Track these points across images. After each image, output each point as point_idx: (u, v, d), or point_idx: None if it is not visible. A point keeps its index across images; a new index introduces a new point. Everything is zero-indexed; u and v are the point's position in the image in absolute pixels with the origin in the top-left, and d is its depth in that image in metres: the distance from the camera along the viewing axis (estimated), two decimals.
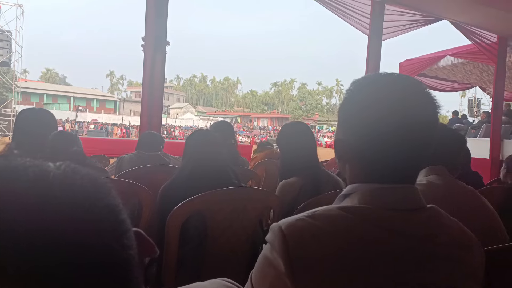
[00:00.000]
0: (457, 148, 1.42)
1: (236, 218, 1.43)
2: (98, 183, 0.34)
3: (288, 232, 0.62)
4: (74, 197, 0.31)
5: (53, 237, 0.28)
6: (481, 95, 18.23)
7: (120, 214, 0.34)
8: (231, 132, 2.67)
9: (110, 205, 0.34)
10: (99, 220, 0.31)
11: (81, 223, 0.30)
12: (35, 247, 0.27)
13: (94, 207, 0.31)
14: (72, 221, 0.29)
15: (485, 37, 6.07)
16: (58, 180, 0.31)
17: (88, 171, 0.34)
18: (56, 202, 0.29)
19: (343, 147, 0.71)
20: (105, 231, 0.31)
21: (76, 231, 0.29)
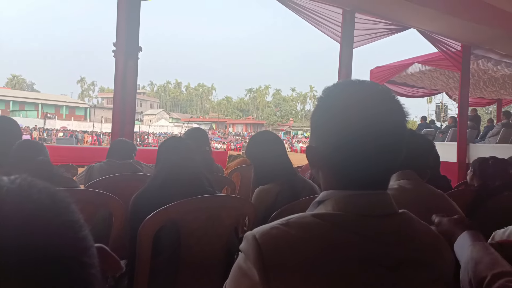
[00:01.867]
0: (426, 152, 1.46)
1: (210, 227, 1.40)
2: (56, 197, 0.32)
3: (262, 241, 0.61)
4: (29, 214, 0.28)
5: (2, 257, 0.25)
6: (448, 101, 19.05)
7: (81, 231, 0.32)
8: (205, 139, 2.64)
9: (69, 221, 0.32)
10: (56, 237, 0.29)
11: (36, 241, 0.27)
12: None
13: (51, 223, 0.29)
14: (25, 239, 0.27)
15: (450, 45, 6.35)
16: (11, 196, 0.29)
17: (46, 185, 0.32)
18: (7, 219, 0.27)
19: (315, 154, 0.71)
20: (63, 249, 0.29)
21: (29, 251, 0.27)
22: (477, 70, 7.66)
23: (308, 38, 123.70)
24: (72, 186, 1.84)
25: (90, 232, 0.34)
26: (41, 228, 0.28)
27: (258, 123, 66.93)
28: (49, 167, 1.81)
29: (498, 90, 9.70)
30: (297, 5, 4.92)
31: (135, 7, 3.72)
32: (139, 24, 3.78)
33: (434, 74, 8.64)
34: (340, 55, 5.07)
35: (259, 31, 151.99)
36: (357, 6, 4.95)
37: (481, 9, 4.80)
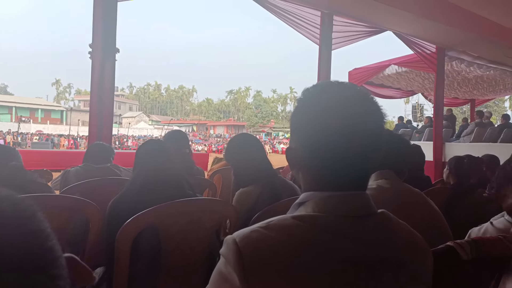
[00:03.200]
0: (403, 152, 1.48)
1: (191, 230, 1.38)
2: (20, 206, 0.30)
3: (243, 245, 0.60)
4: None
5: None
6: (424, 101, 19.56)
7: (48, 241, 0.30)
8: (185, 141, 2.61)
9: (34, 230, 0.30)
10: (19, 248, 0.27)
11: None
12: None
13: (13, 234, 0.27)
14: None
15: (425, 47, 6.52)
16: None
17: (9, 193, 0.30)
18: None
19: (295, 156, 0.71)
20: (28, 261, 0.27)
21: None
22: (451, 71, 7.90)
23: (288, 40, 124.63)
24: (46, 192, 1.78)
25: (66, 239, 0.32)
26: (1, 239, 0.26)
27: (239, 124, 66.89)
28: (21, 173, 1.74)
29: (471, 90, 10.03)
30: (277, 8, 4.94)
31: (112, 7, 3.64)
32: (116, 24, 3.70)
33: (410, 75, 8.85)
34: (319, 57, 5.12)
35: (240, 33, 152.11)
36: (335, 8, 5.02)
37: (454, 13, 4.95)
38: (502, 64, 7.81)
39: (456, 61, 7.28)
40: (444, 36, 6.12)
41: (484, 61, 7.49)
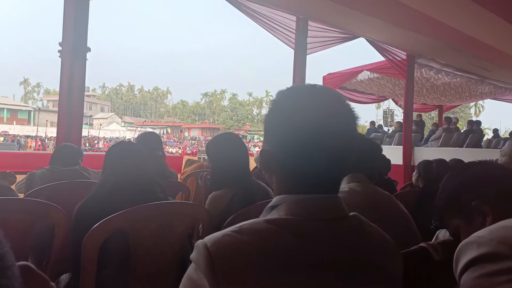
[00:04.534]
0: (374, 156, 1.52)
1: (162, 235, 1.34)
2: None
3: (214, 249, 0.59)
4: None
5: None
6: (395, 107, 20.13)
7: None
8: (158, 143, 2.56)
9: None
10: None
11: None
12: None
13: None
14: None
15: (396, 54, 6.73)
16: None
17: None
18: None
19: (268, 158, 0.70)
20: None
21: None
22: (421, 78, 8.19)
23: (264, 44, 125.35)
24: (9, 195, 1.70)
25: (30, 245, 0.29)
26: None
27: (214, 127, 66.56)
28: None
29: (439, 97, 10.43)
30: (253, 11, 4.96)
31: (84, 4, 3.54)
32: (88, 23, 3.60)
33: (382, 81, 9.11)
34: (294, 61, 5.18)
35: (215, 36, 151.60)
36: (310, 14, 5.09)
37: (423, 22, 5.13)
38: (468, 72, 8.18)
39: (425, 68, 7.57)
40: (414, 44, 6.34)
41: (451, 68, 7.82)
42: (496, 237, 0.70)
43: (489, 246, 0.69)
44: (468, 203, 0.89)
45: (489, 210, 0.85)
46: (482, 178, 0.92)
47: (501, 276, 0.66)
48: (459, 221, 0.92)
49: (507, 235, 0.70)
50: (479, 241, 0.72)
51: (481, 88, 9.56)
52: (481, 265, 0.70)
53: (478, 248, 0.71)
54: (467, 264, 0.72)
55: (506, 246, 0.68)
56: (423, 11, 4.78)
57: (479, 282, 0.69)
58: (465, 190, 0.92)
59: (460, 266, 0.74)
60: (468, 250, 0.73)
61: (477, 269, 0.70)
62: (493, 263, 0.68)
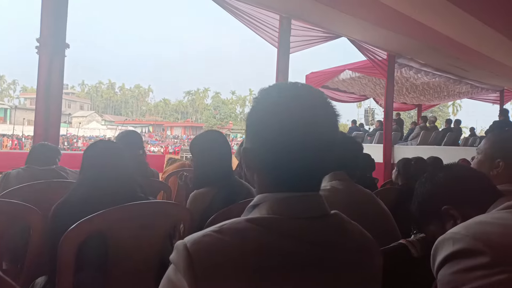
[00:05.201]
0: (355, 154, 1.53)
1: (142, 236, 1.32)
2: None
3: (194, 250, 0.58)
4: None
5: None
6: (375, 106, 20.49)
7: None
8: (139, 142, 2.52)
9: None
10: None
11: None
12: None
13: None
14: None
15: (377, 54, 6.84)
16: None
17: None
18: None
19: (250, 156, 0.70)
20: None
21: None
22: (401, 78, 8.35)
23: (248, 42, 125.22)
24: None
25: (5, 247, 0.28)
26: None
27: (197, 126, 66.11)
28: None
29: (418, 96, 10.67)
30: (235, 9, 4.94)
31: None
32: (67, 18, 3.51)
33: (363, 81, 9.25)
34: (278, 60, 5.19)
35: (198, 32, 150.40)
36: (293, 13, 5.11)
37: (403, 22, 5.22)
38: (446, 72, 8.40)
39: (405, 68, 7.72)
40: (394, 44, 6.46)
41: (430, 68, 8.01)
42: (471, 233, 0.72)
43: (464, 242, 0.71)
44: (439, 208, 0.92)
45: (458, 214, 0.89)
46: (450, 183, 0.95)
47: (475, 271, 0.68)
48: (434, 227, 0.95)
49: (481, 231, 0.72)
50: (454, 237, 0.74)
51: (459, 87, 9.84)
52: (456, 261, 0.72)
53: (454, 244, 0.73)
54: (444, 260, 0.74)
55: (480, 242, 0.69)
56: (403, 12, 4.87)
57: (455, 278, 0.71)
58: (435, 197, 0.95)
59: (437, 262, 0.76)
60: (444, 246, 0.75)
61: (453, 265, 0.72)
62: (468, 258, 0.70)
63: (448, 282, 0.72)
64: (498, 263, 0.67)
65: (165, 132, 61.97)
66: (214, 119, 73.25)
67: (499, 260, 0.67)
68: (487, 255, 0.68)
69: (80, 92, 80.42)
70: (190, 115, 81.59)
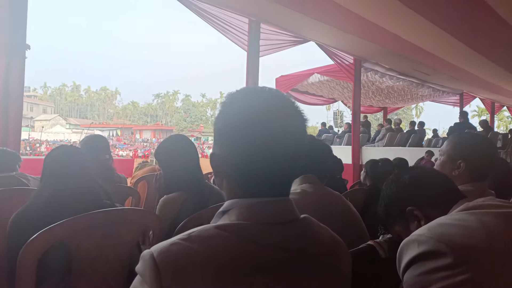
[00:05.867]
0: (324, 157, 1.55)
1: (108, 245, 1.27)
2: None
3: (161, 260, 0.56)
4: None
5: None
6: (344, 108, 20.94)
7: None
8: (105, 147, 2.43)
9: None
10: None
11: None
12: None
13: None
14: None
15: (344, 58, 7.01)
16: None
17: None
18: None
19: (219, 162, 0.69)
20: None
21: None
22: (367, 82, 8.60)
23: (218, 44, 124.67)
24: None
25: None
26: None
27: (167, 129, 65.00)
28: None
29: (383, 99, 11.04)
30: (204, 11, 4.90)
31: None
32: (26, 18, 3.35)
33: (331, 84, 9.45)
34: (247, 63, 5.20)
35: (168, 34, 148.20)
36: (262, 17, 5.14)
37: (369, 28, 5.39)
38: (409, 76, 8.74)
39: (371, 72, 7.97)
40: (360, 49, 6.65)
41: (394, 72, 8.31)
42: (434, 235, 0.74)
43: (429, 244, 0.73)
44: (403, 210, 0.94)
45: (422, 215, 0.91)
46: (414, 185, 0.97)
47: (439, 272, 0.70)
48: (399, 228, 0.97)
49: (444, 233, 0.74)
50: (419, 240, 0.76)
51: (421, 91, 10.27)
52: (421, 262, 0.74)
53: (419, 247, 0.75)
54: (409, 262, 0.76)
55: (443, 244, 0.72)
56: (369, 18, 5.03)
57: (420, 280, 0.73)
58: (400, 198, 0.98)
59: (403, 264, 0.77)
60: (410, 248, 0.77)
61: (418, 267, 0.74)
62: (432, 260, 0.72)
63: (414, 284, 0.74)
64: (460, 264, 0.69)
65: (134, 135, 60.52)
66: (185, 122, 72.42)
67: (461, 261, 0.69)
68: (449, 256, 0.70)
69: (43, 94, 77.03)
70: (160, 118, 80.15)
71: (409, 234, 0.92)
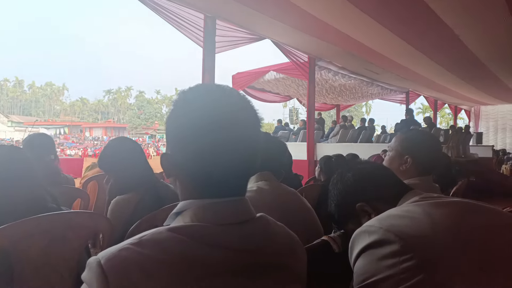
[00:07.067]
0: (280, 154, 1.57)
1: (54, 252, 1.18)
2: None
3: (109, 267, 0.53)
4: None
5: None
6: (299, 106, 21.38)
7: None
8: (51, 146, 2.28)
9: None
10: None
11: None
12: None
13: None
14: None
15: (299, 56, 7.13)
16: None
17: None
18: None
19: (171, 162, 0.66)
20: None
21: None
22: (321, 80, 8.83)
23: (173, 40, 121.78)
24: None
25: None
26: None
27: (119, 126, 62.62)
28: None
29: (336, 97, 11.41)
30: (159, 6, 4.75)
31: None
32: None
33: (287, 82, 9.60)
34: (203, 60, 5.12)
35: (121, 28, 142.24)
36: (218, 13, 5.08)
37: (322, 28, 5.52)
38: (360, 74, 9.11)
39: (324, 71, 8.19)
40: (314, 47, 6.80)
41: (346, 71, 8.60)
42: (384, 225, 0.78)
43: (378, 234, 0.77)
44: (353, 206, 0.97)
45: (371, 209, 0.95)
46: (359, 181, 1.00)
47: (387, 260, 0.74)
48: (353, 225, 0.99)
49: (393, 223, 0.78)
50: (369, 230, 0.79)
51: (371, 89, 10.74)
52: (371, 251, 0.77)
53: (369, 236, 0.78)
54: (360, 252, 0.79)
55: (392, 234, 0.75)
56: (321, 18, 5.15)
57: (369, 268, 0.76)
58: (347, 196, 1.01)
59: (354, 254, 0.81)
60: (361, 239, 0.80)
61: (368, 255, 0.78)
62: (380, 248, 0.76)
63: (364, 273, 0.77)
64: (407, 251, 0.72)
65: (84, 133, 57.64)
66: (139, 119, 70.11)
67: (407, 249, 0.73)
68: (397, 244, 0.73)
69: None
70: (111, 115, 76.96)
71: None
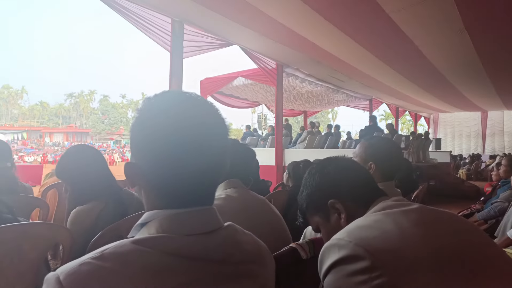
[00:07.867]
0: (248, 161, 1.57)
1: (8, 265, 1.11)
2: None
3: (68, 283, 0.50)
4: None
5: None
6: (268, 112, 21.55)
7: None
8: (6, 153, 2.15)
9: None
10: None
11: None
12: None
13: None
14: None
15: (267, 62, 7.21)
16: None
17: None
18: None
19: (136, 172, 0.64)
20: None
21: None
22: (288, 86, 8.96)
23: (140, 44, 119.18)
24: None
25: None
26: None
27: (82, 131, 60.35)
28: None
29: (304, 103, 11.62)
30: (125, 9, 4.64)
31: None
32: None
33: (255, 88, 9.66)
34: (171, 64, 5.04)
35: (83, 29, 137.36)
36: (185, 17, 5.04)
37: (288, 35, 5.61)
38: (326, 82, 9.33)
39: (292, 77, 8.33)
40: (282, 54, 6.90)
41: (313, 78, 8.79)
42: (353, 238, 0.75)
43: (348, 248, 0.74)
44: (325, 201, 0.95)
45: (343, 208, 0.93)
46: (338, 177, 0.98)
47: (357, 276, 0.72)
48: (319, 219, 0.97)
49: (362, 236, 0.76)
50: (339, 244, 0.77)
51: (337, 96, 11.04)
52: (341, 267, 0.75)
53: (339, 251, 0.76)
54: (330, 266, 0.77)
55: (361, 248, 0.73)
56: (288, 26, 5.24)
57: (340, 284, 0.74)
58: (323, 189, 0.97)
59: (324, 268, 0.78)
60: (331, 253, 0.77)
61: (338, 271, 0.75)
62: (350, 264, 0.73)
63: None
64: (377, 267, 0.71)
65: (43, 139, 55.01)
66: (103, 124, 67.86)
67: (378, 265, 0.71)
68: (367, 260, 0.71)
69: None
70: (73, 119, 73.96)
71: (328, 226, 0.94)
